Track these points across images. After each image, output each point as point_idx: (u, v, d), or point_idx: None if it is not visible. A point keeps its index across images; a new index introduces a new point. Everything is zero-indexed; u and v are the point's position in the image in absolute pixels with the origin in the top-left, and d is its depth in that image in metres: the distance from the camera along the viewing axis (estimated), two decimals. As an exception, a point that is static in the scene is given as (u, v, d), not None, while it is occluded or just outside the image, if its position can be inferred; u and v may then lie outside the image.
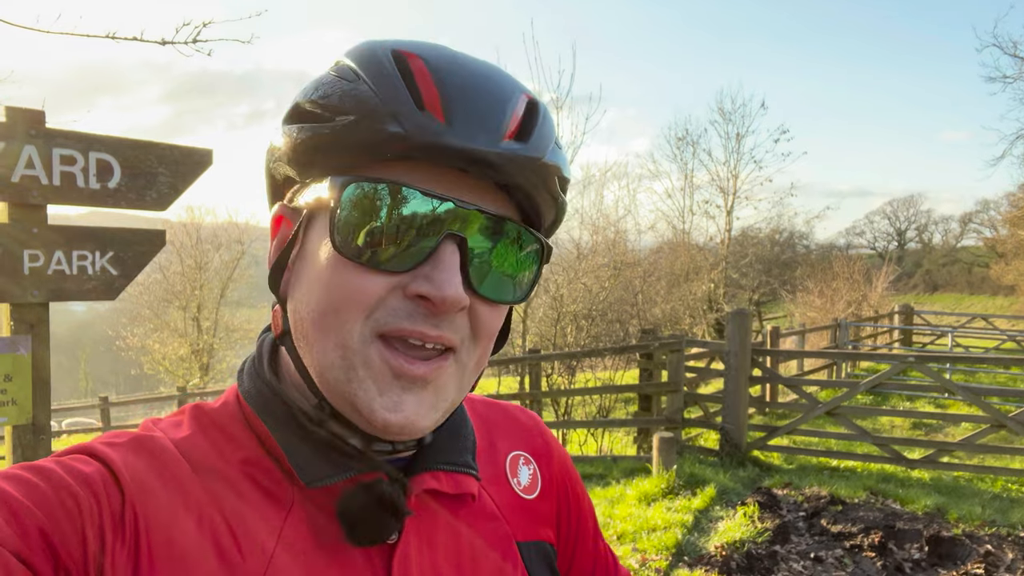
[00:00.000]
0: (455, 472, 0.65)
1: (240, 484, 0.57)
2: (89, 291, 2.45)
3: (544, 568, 0.72)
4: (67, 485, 0.50)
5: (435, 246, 0.54)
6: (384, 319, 0.54)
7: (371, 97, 0.53)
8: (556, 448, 0.81)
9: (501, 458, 0.75)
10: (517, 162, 0.55)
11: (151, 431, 0.59)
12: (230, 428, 0.61)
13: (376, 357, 0.54)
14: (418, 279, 0.53)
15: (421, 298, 0.53)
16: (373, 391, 0.54)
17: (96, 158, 2.42)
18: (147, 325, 26.40)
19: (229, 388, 0.65)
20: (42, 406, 2.40)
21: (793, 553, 4.74)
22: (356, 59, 0.57)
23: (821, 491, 5.89)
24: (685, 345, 8.04)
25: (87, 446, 0.55)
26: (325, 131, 0.55)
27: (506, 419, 0.80)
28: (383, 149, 0.53)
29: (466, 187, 0.55)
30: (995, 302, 35.94)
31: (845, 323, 14.57)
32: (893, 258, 41.50)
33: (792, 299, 27.45)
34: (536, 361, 9.36)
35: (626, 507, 5.64)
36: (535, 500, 0.74)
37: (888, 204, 56.30)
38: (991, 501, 5.80)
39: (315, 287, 0.56)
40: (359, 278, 0.53)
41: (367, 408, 0.54)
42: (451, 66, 0.56)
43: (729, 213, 26.97)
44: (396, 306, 0.54)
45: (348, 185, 0.53)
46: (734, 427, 7.09)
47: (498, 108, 0.55)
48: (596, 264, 16.77)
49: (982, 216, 47.40)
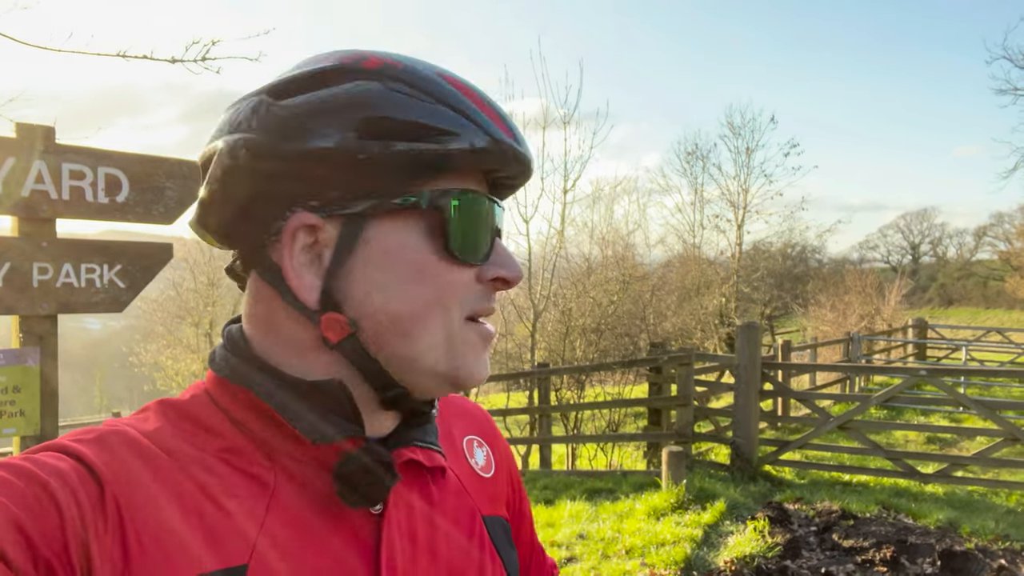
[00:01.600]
0: (427, 448, 0.68)
1: (219, 468, 0.58)
2: (97, 304, 2.49)
3: (505, 541, 0.76)
4: (40, 479, 0.50)
5: (494, 239, 0.65)
6: (472, 303, 0.63)
7: (461, 118, 0.60)
8: (500, 436, 0.87)
9: (458, 441, 0.79)
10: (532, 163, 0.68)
11: (117, 426, 0.59)
12: (202, 417, 0.61)
13: (472, 333, 0.64)
14: (491, 266, 0.64)
15: (501, 281, 0.65)
16: (472, 359, 0.64)
17: (105, 173, 2.47)
18: (160, 342, 26.57)
19: (193, 384, 0.65)
20: (49, 418, 2.43)
21: (804, 568, 4.69)
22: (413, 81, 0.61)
23: (833, 505, 5.83)
24: (695, 359, 8.01)
25: (57, 443, 0.55)
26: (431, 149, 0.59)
27: (456, 408, 0.84)
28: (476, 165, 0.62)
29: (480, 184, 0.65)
30: (1011, 316, 35.56)
31: (858, 337, 14.46)
32: (907, 272, 41.22)
33: (804, 313, 27.30)
34: (545, 375, 9.35)
35: (635, 521, 5.61)
36: (491, 479, 0.79)
37: (901, 218, 56.00)
38: (1005, 515, 5.72)
39: (411, 285, 0.60)
40: (456, 273, 0.62)
41: (468, 374, 0.63)
42: (476, 86, 0.65)
43: (740, 227, 26.90)
44: (477, 290, 0.64)
45: (454, 196, 0.61)
46: (745, 441, 7.04)
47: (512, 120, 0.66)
48: (605, 278, 16.76)
49: (996, 229, 47.05)
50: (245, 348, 0.64)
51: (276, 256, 0.61)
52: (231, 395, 0.61)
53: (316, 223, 0.60)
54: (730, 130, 27.34)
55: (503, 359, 14.87)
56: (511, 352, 15.10)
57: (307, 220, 0.59)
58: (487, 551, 0.71)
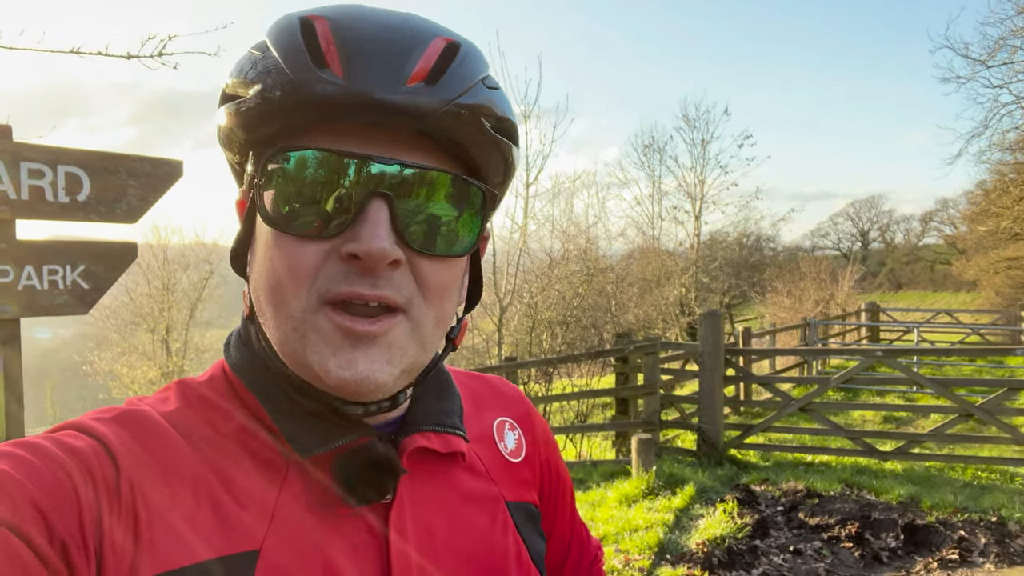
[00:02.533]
0: (444, 432, 0.66)
1: (234, 452, 0.58)
2: (61, 306, 2.42)
3: (531, 528, 0.73)
4: (59, 459, 0.50)
5: (361, 206, 0.53)
6: (324, 285, 0.54)
7: (275, 65, 0.54)
8: (538, 418, 0.84)
9: (488, 423, 0.76)
10: (426, 106, 0.53)
11: (138, 406, 0.59)
12: (219, 401, 0.61)
13: (324, 322, 0.54)
14: (347, 240, 0.53)
15: (353, 257, 0.53)
16: (327, 352, 0.54)
17: (65, 171, 2.40)
18: (115, 349, 25.86)
19: (216, 363, 0.65)
20: (15, 424, 2.36)
21: (773, 547, 4.80)
22: (269, 31, 0.57)
23: (798, 485, 5.97)
24: (660, 348, 8.11)
25: (77, 422, 0.55)
26: (241, 108, 0.56)
27: (490, 389, 0.82)
28: (292, 115, 0.54)
29: (388, 142, 0.55)
30: (958, 297, 36.77)
31: (814, 322, 14.80)
32: (857, 258, 42.28)
33: (762, 300, 27.83)
34: (512, 369, 9.37)
35: (607, 509, 5.67)
36: (521, 463, 0.76)
37: (850, 206, 57.55)
38: (962, 489, 5.93)
39: (263, 264, 0.57)
40: (295, 248, 0.54)
41: (323, 369, 0.54)
42: (356, 22, 0.55)
43: (697, 218, 27.27)
44: (333, 271, 0.54)
45: (267, 158, 0.55)
46: (711, 427, 7.16)
47: (400, 54, 0.54)
48: (569, 271, 16.85)
49: (942, 214, 48.57)
50: (255, 339, 0.63)
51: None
52: (240, 386, 0.62)
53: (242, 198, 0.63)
54: (685, 122, 27.66)
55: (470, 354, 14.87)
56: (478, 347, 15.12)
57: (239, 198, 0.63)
58: (511, 537, 0.69)
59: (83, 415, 0.57)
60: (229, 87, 0.58)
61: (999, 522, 5.05)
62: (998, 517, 5.14)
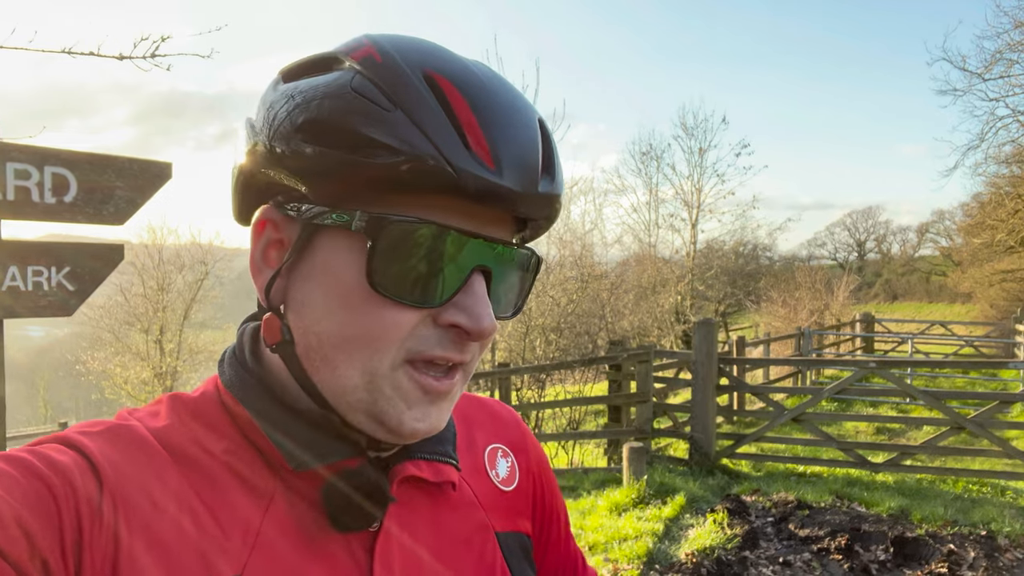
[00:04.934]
0: (436, 461, 0.65)
1: (220, 473, 0.57)
2: (44, 308, 2.40)
3: (522, 559, 0.72)
4: (41, 474, 0.49)
5: (466, 278, 0.55)
6: (415, 347, 0.55)
7: (416, 133, 0.51)
8: (533, 444, 0.82)
9: (480, 450, 0.75)
10: (550, 200, 0.57)
11: (127, 420, 0.58)
12: (210, 417, 0.60)
13: (405, 380, 0.55)
14: (450, 309, 0.55)
15: (454, 327, 0.55)
16: (402, 407, 0.56)
17: (52, 172, 2.38)
18: (108, 349, 25.76)
19: (208, 379, 0.64)
20: (-4, 426, 2.34)
21: (762, 558, 4.78)
22: (383, 78, 0.53)
23: (788, 496, 5.96)
24: (653, 356, 8.10)
25: (62, 435, 0.54)
26: (365, 164, 0.52)
27: (484, 413, 0.80)
28: (426, 188, 0.52)
29: (483, 217, 0.56)
30: (953, 309, 36.85)
31: (808, 332, 14.81)
32: (853, 268, 42.41)
33: (757, 309, 27.88)
34: (506, 375, 9.35)
35: (597, 518, 5.65)
36: (513, 492, 0.75)
37: (848, 216, 57.77)
38: (953, 502, 5.92)
39: (339, 311, 0.55)
40: (393, 313, 0.54)
41: (396, 422, 0.56)
42: (484, 97, 0.54)
43: (694, 226, 27.32)
44: (427, 334, 0.55)
45: (387, 223, 0.52)
46: (703, 436, 7.15)
47: (532, 146, 0.55)
48: (564, 277, 16.85)
49: (938, 226, 48.75)
50: (250, 356, 0.62)
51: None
52: (233, 403, 0.60)
53: (277, 219, 0.59)
54: (683, 130, 27.77)
55: (463, 360, 14.81)
56: (470, 353, 15.06)
57: (271, 214, 0.59)
58: (498, 569, 0.68)
59: (70, 428, 0.56)
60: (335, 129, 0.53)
61: (988, 536, 5.05)
62: (987, 531, 5.13)
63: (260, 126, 0.57)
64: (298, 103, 0.55)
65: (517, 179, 0.53)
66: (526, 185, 0.54)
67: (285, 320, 0.58)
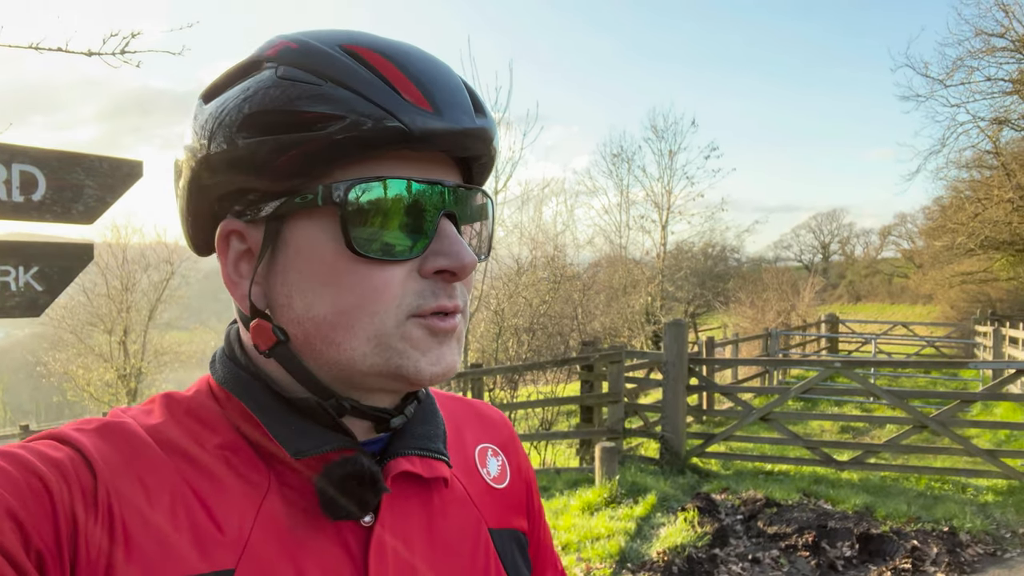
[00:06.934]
0: (428, 457, 0.66)
1: (215, 468, 0.57)
2: (12, 308, 2.35)
3: (517, 555, 0.73)
4: (35, 468, 0.50)
5: (436, 226, 0.58)
6: (412, 302, 0.57)
7: (352, 97, 0.54)
8: (519, 445, 0.83)
9: (470, 449, 0.75)
10: (487, 135, 0.60)
11: (121, 418, 0.58)
12: (204, 415, 0.60)
13: (415, 329, 0.58)
14: (430, 258, 0.57)
15: (438, 273, 0.58)
16: (416, 355, 0.58)
17: (20, 170, 2.33)
18: (70, 350, 25.19)
19: (200, 378, 0.65)
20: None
21: (732, 556, 4.86)
22: (305, 60, 0.56)
23: (757, 494, 6.05)
24: (625, 356, 8.17)
25: (56, 432, 0.55)
26: (315, 137, 0.54)
27: (472, 413, 0.81)
28: (381, 146, 0.55)
29: (435, 165, 0.59)
30: (914, 310, 37.64)
31: (775, 332, 15.05)
32: (818, 270, 43.16)
33: (725, 310, 28.24)
34: (478, 376, 9.35)
35: (570, 518, 5.68)
36: (505, 490, 0.75)
37: (813, 218, 58.77)
38: (916, 499, 6.07)
39: (328, 289, 0.57)
40: (381, 272, 0.56)
41: (413, 370, 0.57)
42: (404, 55, 0.58)
43: (664, 228, 27.56)
44: (417, 288, 0.58)
45: (353, 187, 0.55)
46: (673, 435, 7.23)
47: (459, 88, 0.59)
48: (536, 278, 16.90)
49: (900, 229, 49.76)
50: (240, 354, 0.64)
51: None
52: (227, 398, 0.61)
53: (240, 228, 0.60)
54: (654, 133, 27.96)
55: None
56: (442, 353, 15.04)
57: (232, 226, 0.60)
58: (492, 566, 0.69)
59: (64, 425, 0.57)
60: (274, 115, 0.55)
61: (951, 532, 5.18)
62: (950, 527, 5.26)
63: (199, 144, 0.59)
64: (232, 108, 0.57)
65: (456, 117, 0.57)
66: (465, 121, 0.57)
67: (274, 322, 0.59)
